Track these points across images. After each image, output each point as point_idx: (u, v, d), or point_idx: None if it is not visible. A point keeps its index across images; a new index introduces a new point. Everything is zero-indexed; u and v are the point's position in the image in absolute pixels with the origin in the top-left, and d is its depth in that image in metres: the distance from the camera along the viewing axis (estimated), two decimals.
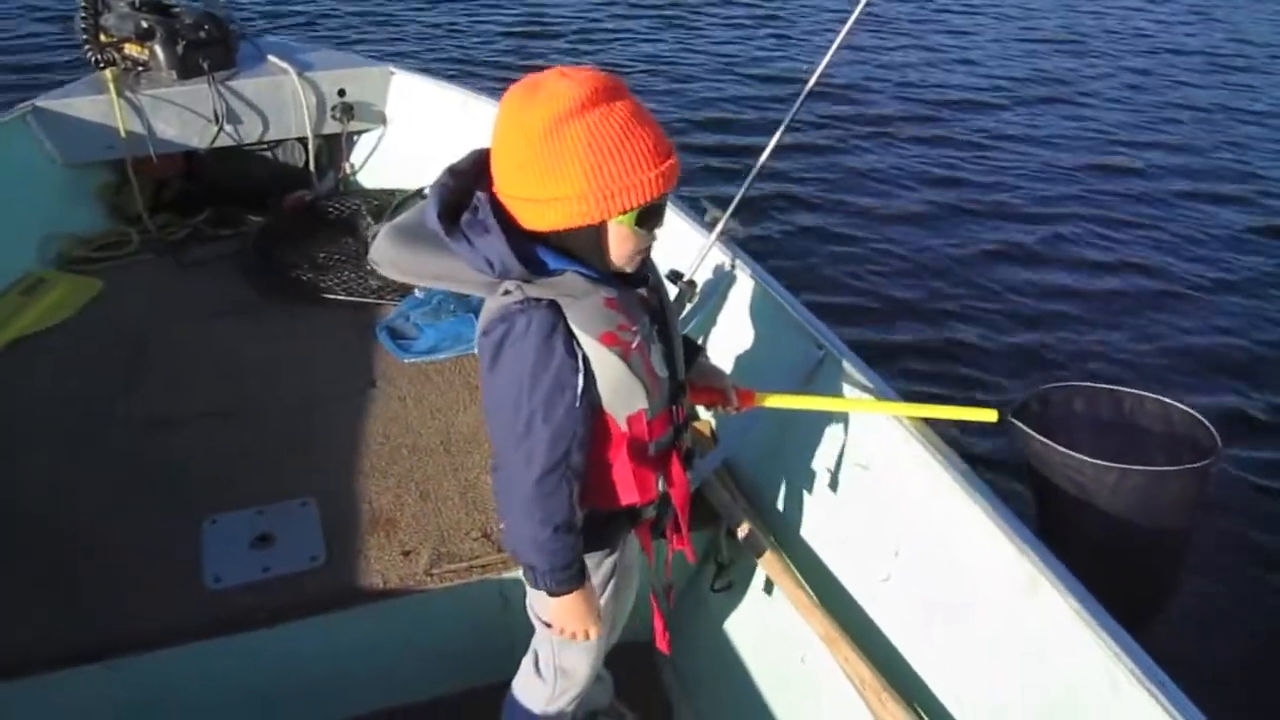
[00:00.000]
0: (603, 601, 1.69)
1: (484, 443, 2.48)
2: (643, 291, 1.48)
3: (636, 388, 1.46)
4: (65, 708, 1.93)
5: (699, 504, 2.21)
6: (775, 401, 1.93)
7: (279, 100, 3.85)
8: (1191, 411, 2.16)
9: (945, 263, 5.45)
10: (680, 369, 1.60)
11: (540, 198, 1.32)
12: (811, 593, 2.01)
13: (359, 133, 4.13)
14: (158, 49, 3.67)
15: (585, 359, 1.39)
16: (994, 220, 6.00)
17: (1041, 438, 2.01)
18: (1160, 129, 7.58)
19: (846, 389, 2.15)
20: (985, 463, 1.97)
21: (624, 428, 1.49)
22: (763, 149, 2.52)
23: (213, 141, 3.76)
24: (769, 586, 2.09)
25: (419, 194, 3.64)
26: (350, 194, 3.97)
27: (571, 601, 1.56)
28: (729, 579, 2.31)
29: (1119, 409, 2.25)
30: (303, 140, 3.97)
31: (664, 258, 2.53)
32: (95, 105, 3.57)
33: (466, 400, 2.69)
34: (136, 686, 1.94)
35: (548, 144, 1.28)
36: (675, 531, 1.71)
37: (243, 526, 2.20)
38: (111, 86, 3.55)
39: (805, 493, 2.23)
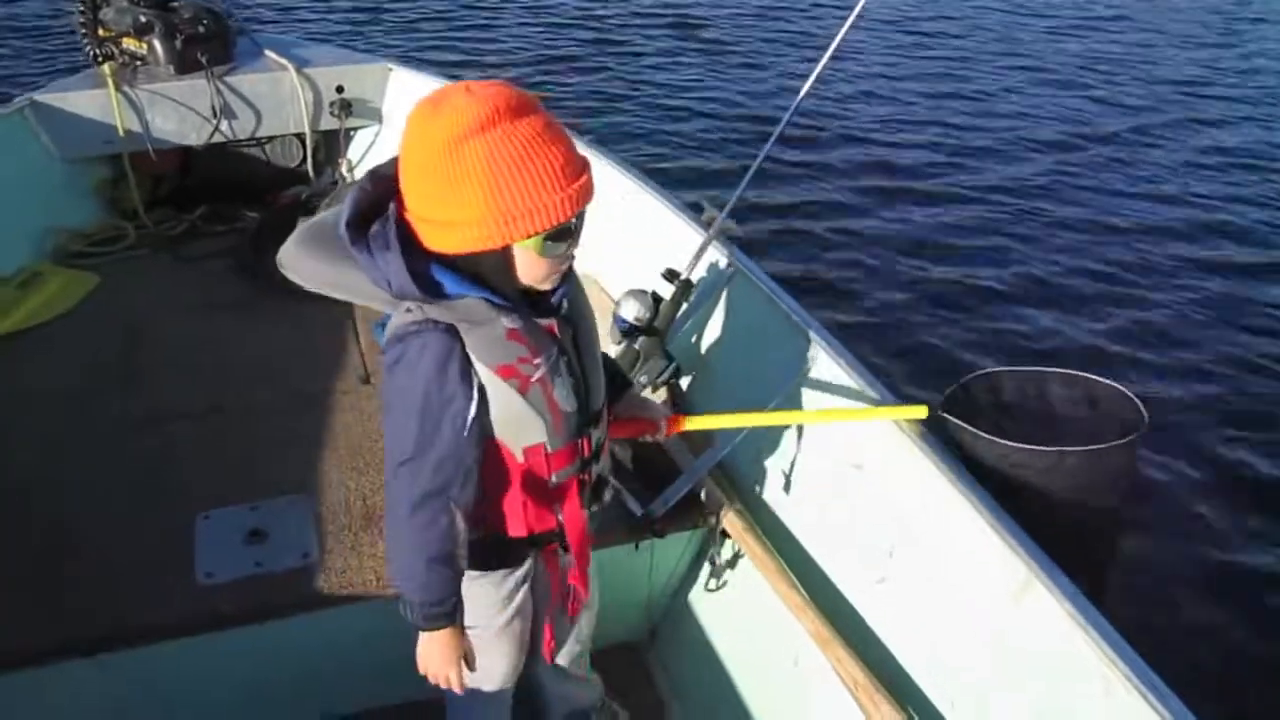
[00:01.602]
0: (503, 620, 1.64)
1: None
2: (551, 322, 1.41)
3: (534, 421, 1.40)
4: (57, 702, 1.92)
5: (693, 503, 2.22)
6: (699, 424, 1.92)
7: (277, 96, 3.84)
8: (1116, 385, 2.13)
9: (944, 284, 5.49)
10: (595, 401, 1.53)
11: (439, 220, 1.25)
12: (804, 593, 2.00)
13: (356, 129, 4.12)
14: (156, 44, 3.66)
15: (480, 387, 1.34)
16: (987, 230, 6.07)
17: (973, 429, 1.97)
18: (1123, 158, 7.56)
19: (837, 385, 2.15)
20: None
21: (520, 459, 1.44)
22: (761, 150, 2.52)
23: (210, 137, 3.75)
24: (762, 586, 2.08)
25: None
26: (347, 190, 3.96)
27: (439, 641, 1.49)
28: (722, 579, 2.31)
29: (1043, 390, 2.20)
30: (300, 136, 3.97)
31: (660, 256, 2.56)
32: (93, 100, 3.57)
33: None
34: (128, 681, 1.94)
35: (446, 164, 1.20)
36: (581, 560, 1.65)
37: (236, 522, 2.19)
38: (109, 81, 3.54)
39: (799, 493, 2.23)
